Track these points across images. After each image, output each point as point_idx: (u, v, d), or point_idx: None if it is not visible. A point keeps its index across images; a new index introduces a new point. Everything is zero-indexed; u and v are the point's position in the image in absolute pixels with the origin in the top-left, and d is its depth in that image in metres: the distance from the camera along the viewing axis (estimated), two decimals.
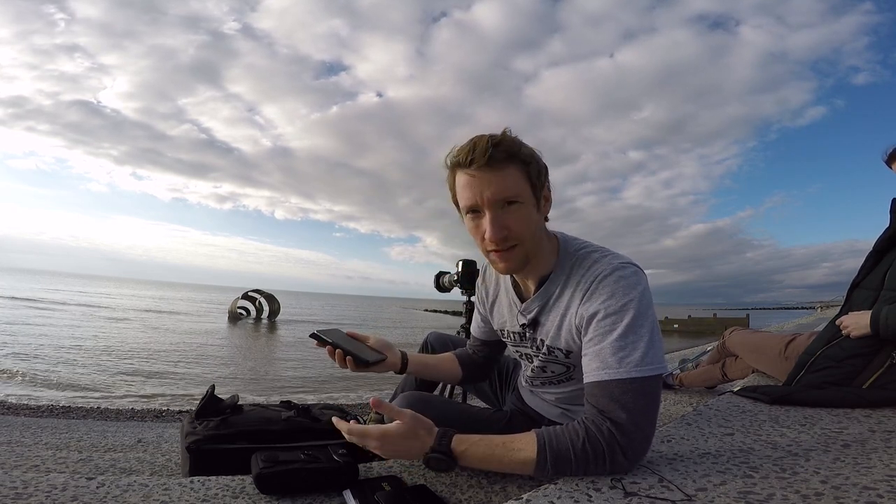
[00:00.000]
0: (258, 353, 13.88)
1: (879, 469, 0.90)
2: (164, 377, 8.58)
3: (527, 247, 1.00)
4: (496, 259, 1.02)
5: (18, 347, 10.53)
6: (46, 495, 0.96)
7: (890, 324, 1.45)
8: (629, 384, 0.86)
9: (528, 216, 0.98)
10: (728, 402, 1.54)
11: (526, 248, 1.00)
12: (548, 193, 1.04)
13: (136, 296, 48.54)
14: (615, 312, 0.91)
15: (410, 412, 0.96)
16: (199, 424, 1.51)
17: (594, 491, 0.79)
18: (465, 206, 0.99)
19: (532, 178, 0.98)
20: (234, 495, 1.05)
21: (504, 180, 0.95)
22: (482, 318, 1.35)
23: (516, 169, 0.96)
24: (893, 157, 1.63)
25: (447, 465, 0.92)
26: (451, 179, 1.01)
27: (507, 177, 0.95)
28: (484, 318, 1.34)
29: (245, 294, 24.90)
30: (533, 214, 0.99)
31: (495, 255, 1.01)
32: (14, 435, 2.68)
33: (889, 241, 1.66)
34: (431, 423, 0.96)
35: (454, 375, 1.41)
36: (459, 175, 0.99)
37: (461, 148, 0.97)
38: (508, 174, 0.95)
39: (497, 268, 1.06)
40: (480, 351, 1.41)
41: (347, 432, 0.99)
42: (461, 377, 1.41)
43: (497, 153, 0.93)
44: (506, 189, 0.95)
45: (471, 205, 0.98)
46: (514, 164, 0.95)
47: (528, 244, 1.00)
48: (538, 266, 1.07)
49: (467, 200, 0.98)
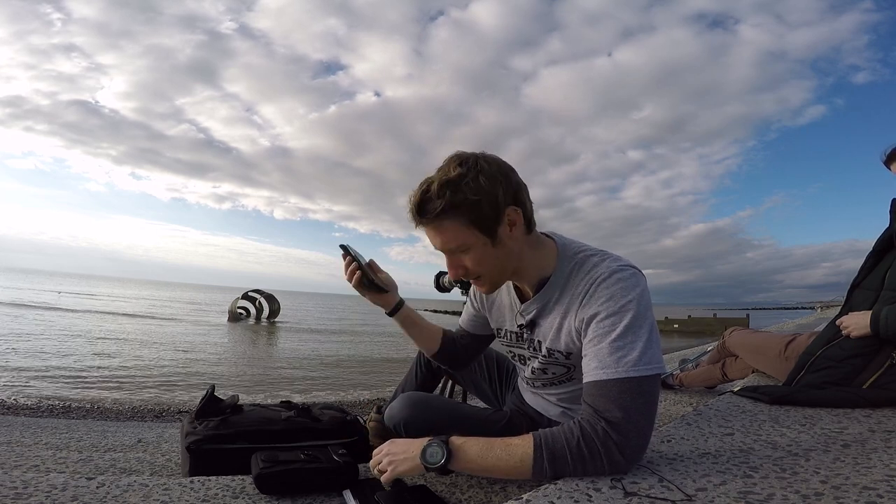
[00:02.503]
0: (258, 353, 13.87)
1: (879, 469, 0.90)
2: (164, 377, 8.58)
3: (493, 276, 1.06)
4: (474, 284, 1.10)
5: (19, 347, 10.54)
6: (46, 495, 0.96)
7: (890, 324, 1.45)
8: (626, 384, 0.86)
9: (482, 256, 1.01)
10: (728, 402, 1.54)
11: (492, 277, 1.06)
12: (513, 216, 0.99)
13: (136, 296, 48.56)
14: (614, 313, 0.92)
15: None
16: (199, 424, 1.52)
17: (594, 491, 0.79)
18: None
19: (479, 221, 0.96)
20: (234, 495, 1.05)
21: (444, 234, 0.99)
22: (474, 311, 1.36)
23: (453, 221, 0.96)
24: (892, 158, 1.63)
25: (443, 455, 0.91)
26: None
27: (447, 230, 0.98)
28: (476, 313, 1.35)
29: (245, 294, 24.89)
30: (488, 251, 1.00)
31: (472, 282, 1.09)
32: (14, 435, 2.68)
33: (889, 242, 1.66)
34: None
35: (430, 346, 1.41)
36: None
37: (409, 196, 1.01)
38: (448, 227, 0.97)
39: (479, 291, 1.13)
40: (464, 339, 1.42)
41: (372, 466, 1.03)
42: (436, 352, 1.42)
43: (429, 209, 0.96)
44: (448, 241, 0.99)
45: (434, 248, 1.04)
46: (449, 217, 0.96)
47: (493, 274, 1.05)
48: (534, 271, 1.08)
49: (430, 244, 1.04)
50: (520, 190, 1.02)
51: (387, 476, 0.97)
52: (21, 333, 12.95)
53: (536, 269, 1.08)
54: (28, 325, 15.11)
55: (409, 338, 1.43)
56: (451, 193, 0.94)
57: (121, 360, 10.04)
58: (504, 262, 1.04)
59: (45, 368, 8.37)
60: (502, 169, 0.99)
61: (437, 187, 0.95)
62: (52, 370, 8.27)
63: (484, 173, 0.95)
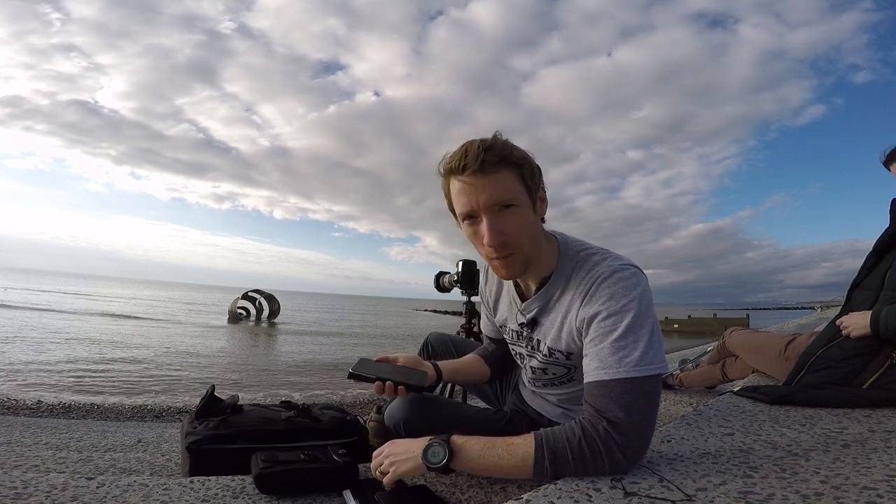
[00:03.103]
0: (258, 353, 13.87)
1: (879, 469, 0.90)
2: (164, 377, 8.58)
3: (526, 251, 1.01)
4: (498, 266, 1.03)
5: (19, 346, 10.53)
6: (46, 495, 0.96)
7: (890, 324, 1.45)
8: (628, 384, 0.86)
9: (525, 219, 0.98)
10: (728, 402, 1.54)
11: (525, 252, 1.01)
12: (543, 195, 1.04)
13: (137, 297, 48.55)
14: (615, 313, 0.91)
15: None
16: (199, 424, 1.52)
17: (594, 491, 0.79)
18: (461, 212, 1.00)
19: (526, 180, 0.98)
20: (234, 495, 1.05)
21: (498, 184, 0.94)
22: (487, 314, 1.36)
23: (510, 172, 0.95)
24: (891, 159, 1.63)
25: (444, 455, 0.91)
26: (446, 186, 1.02)
27: (501, 181, 0.94)
28: (489, 316, 1.35)
29: (245, 294, 24.89)
30: (530, 217, 0.99)
31: (497, 262, 1.02)
32: (14, 435, 2.68)
33: (889, 242, 1.66)
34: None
35: (483, 375, 1.38)
36: (453, 182, 0.99)
37: (453, 154, 0.97)
38: (502, 178, 0.95)
39: (499, 274, 1.07)
40: (497, 348, 1.40)
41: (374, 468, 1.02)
42: (489, 375, 1.39)
43: (489, 157, 0.93)
44: (501, 193, 0.95)
45: (467, 211, 0.98)
46: (508, 167, 0.95)
47: (526, 248, 1.00)
48: (539, 268, 1.08)
49: (463, 207, 0.98)
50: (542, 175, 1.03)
51: (389, 477, 0.96)
52: (20, 335, 12.95)
53: (543, 264, 1.07)
54: (28, 327, 15.10)
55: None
56: (507, 150, 0.95)
57: (120, 360, 10.04)
58: (537, 237, 1.03)
59: (45, 368, 8.37)
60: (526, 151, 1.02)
61: (496, 142, 0.96)
62: (52, 370, 8.27)
63: (517, 148, 0.99)
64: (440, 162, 1.00)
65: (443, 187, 1.03)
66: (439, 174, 1.02)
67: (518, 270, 1.04)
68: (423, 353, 1.63)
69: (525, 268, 1.04)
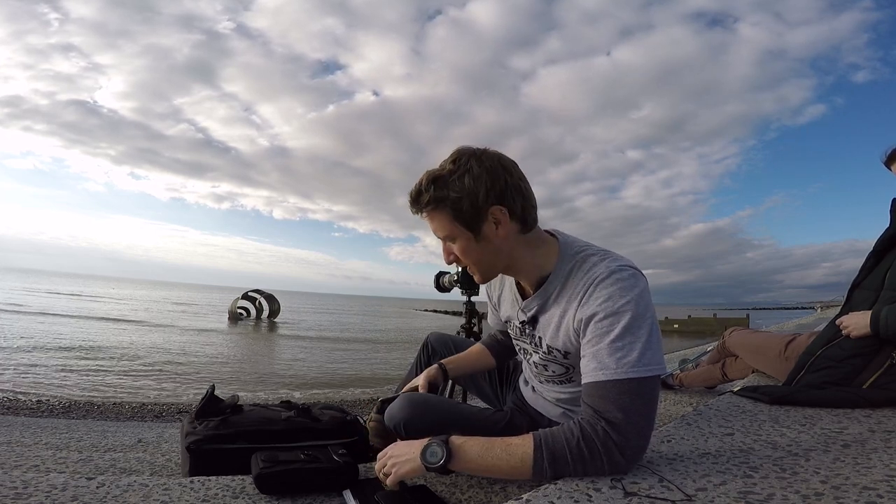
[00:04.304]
0: (258, 353, 13.88)
1: (879, 469, 0.90)
2: (165, 377, 8.58)
3: (481, 268, 1.10)
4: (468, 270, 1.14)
5: (18, 347, 10.54)
6: (46, 495, 0.96)
7: (890, 324, 1.45)
8: (626, 384, 0.86)
9: (468, 248, 1.06)
10: (728, 402, 1.54)
11: (480, 268, 1.10)
12: (499, 215, 1.01)
13: (137, 297, 48.53)
14: (613, 314, 0.91)
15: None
16: (199, 424, 1.52)
17: (594, 491, 0.79)
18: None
19: (461, 217, 1.02)
20: (234, 495, 1.05)
21: (433, 222, 1.07)
22: (492, 307, 1.41)
23: (441, 213, 1.04)
24: (892, 159, 1.63)
25: (443, 454, 0.92)
26: None
27: (434, 219, 1.06)
28: (495, 310, 1.40)
29: (245, 294, 24.90)
30: (472, 246, 1.05)
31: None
32: (14, 435, 2.68)
33: (889, 242, 1.66)
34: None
35: (488, 363, 1.51)
36: None
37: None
38: (436, 217, 1.05)
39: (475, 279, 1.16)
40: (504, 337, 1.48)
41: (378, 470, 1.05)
42: (494, 363, 1.52)
43: (422, 199, 1.04)
44: (436, 229, 1.07)
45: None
46: (438, 209, 1.03)
47: (480, 266, 1.10)
48: (534, 268, 1.09)
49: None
50: (508, 190, 1.01)
51: (391, 479, 0.98)
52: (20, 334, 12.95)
53: (535, 267, 1.08)
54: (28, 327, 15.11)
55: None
56: (435, 189, 1.02)
57: (120, 360, 10.04)
58: (491, 258, 1.08)
59: (45, 368, 8.37)
60: (494, 168, 1.01)
61: (425, 181, 1.04)
62: (53, 370, 8.27)
63: (471, 173, 1.00)
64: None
65: None
66: None
67: (482, 278, 1.14)
68: (423, 353, 1.66)
69: (490, 276, 1.14)
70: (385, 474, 1.00)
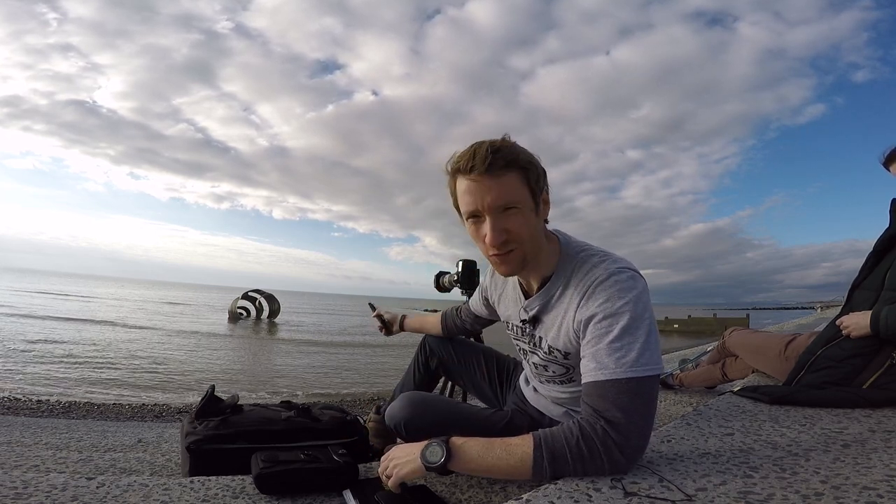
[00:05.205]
0: (258, 353, 13.88)
1: (879, 469, 0.90)
2: (164, 377, 8.58)
3: (525, 249, 1.02)
4: (496, 262, 1.05)
5: (19, 347, 10.54)
6: (46, 495, 0.96)
7: (890, 324, 1.45)
8: (625, 384, 0.87)
9: (527, 220, 1.00)
10: (728, 402, 1.54)
11: (524, 250, 1.03)
12: (546, 197, 1.06)
13: (138, 297, 48.52)
14: (611, 315, 0.92)
15: None
16: (199, 424, 1.51)
17: (594, 491, 0.79)
18: (466, 211, 1.01)
19: (531, 183, 0.99)
20: (234, 495, 1.05)
21: (503, 186, 0.97)
22: (484, 301, 1.42)
23: (515, 175, 0.98)
24: (891, 160, 1.63)
25: (442, 454, 0.92)
26: (453, 185, 1.04)
27: (506, 183, 0.97)
28: (486, 303, 1.42)
29: (245, 294, 24.88)
30: (531, 219, 1.01)
31: (495, 258, 1.04)
32: (14, 435, 2.67)
33: (889, 242, 1.66)
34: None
35: (436, 331, 1.68)
36: (460, 181, 1.01)
37: (462, 154, 0.99)
38: (507, 181, 0.97)
39: (498, 270, 1.10)
40: (467, 316, 1.57)
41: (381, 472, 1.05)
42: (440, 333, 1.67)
43: (496, 160, 0.95)
44: (505, 195, 0.97)
45: (472, 210, 1.00)
46: (513, 170, 0.97)
47: (526, 247, 1.02)
48: (539, 267, 1.09)
49: (468, 206, 1.00)
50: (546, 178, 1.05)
51: (392, 480, 0.98)
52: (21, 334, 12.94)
53: (544, 263, 1.09)
54: (28, 328, 15.10)
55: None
56: (514, 153, 0.98)
57: (120, 360, 10.04)
58: (538, 238, 1.04)
59: (45, 368, 8.37)
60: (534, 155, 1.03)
61: (504, 145, 0.98)
62: (53, 370, 8.27)
63: (525, 151, 1.01)
64: (448, 161, 1.02)
65: (449, 185, 1.05)
66: (446, 173, 1.04)
67: (516, 267, 1.06)
68: (420, 354, 1.68)
69: (523, 265, 1.06)
70: (387, 476, 1.00)
